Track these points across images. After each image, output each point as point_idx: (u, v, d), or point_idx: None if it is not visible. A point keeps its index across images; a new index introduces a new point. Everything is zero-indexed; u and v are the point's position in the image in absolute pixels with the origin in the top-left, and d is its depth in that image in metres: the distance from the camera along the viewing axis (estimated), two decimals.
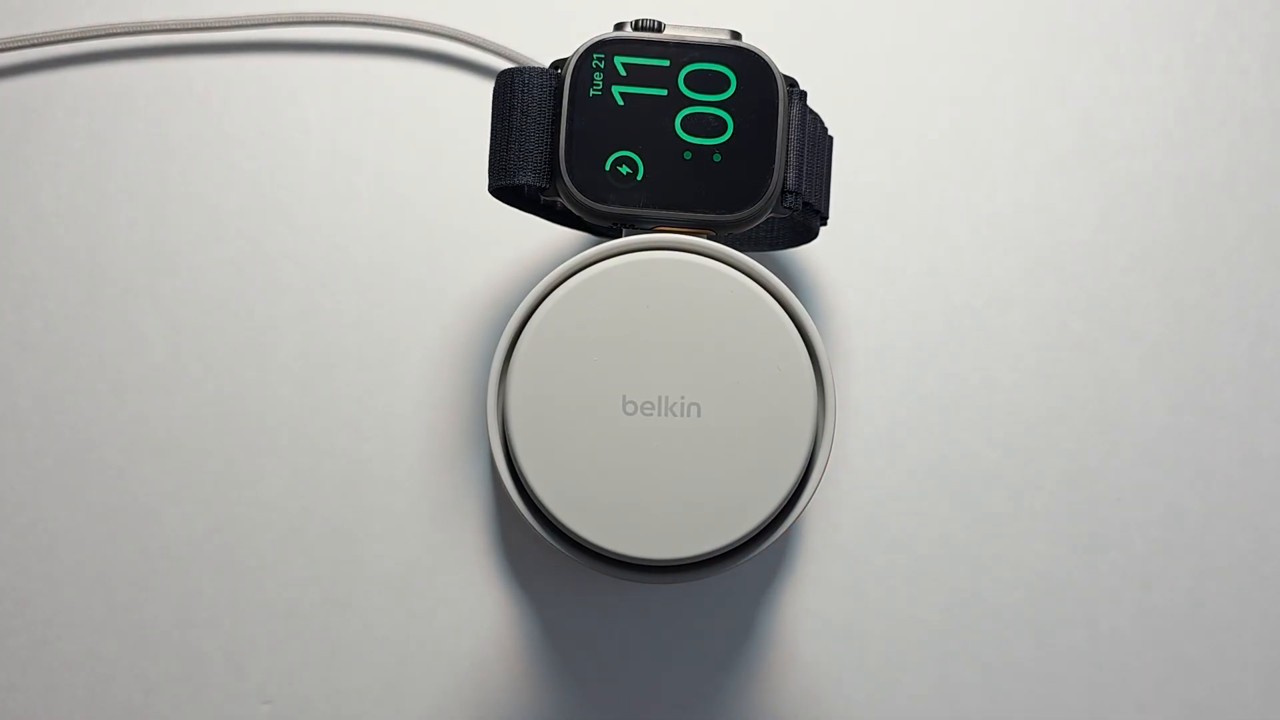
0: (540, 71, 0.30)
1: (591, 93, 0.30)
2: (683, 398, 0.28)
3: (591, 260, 0.29)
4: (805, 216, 0.32)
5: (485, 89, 0.37)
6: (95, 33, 0.37)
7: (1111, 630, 0.36)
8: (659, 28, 0.30)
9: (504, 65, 0.37)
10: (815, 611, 0.36)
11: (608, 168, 0.30)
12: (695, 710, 0.36)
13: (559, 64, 0.30)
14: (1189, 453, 0.37)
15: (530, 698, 0.36)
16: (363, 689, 0.35)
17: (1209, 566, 0.36)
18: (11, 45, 0.36)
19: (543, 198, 0.31)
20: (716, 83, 0.30)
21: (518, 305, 0.29)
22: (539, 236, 0.37)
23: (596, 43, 0.30)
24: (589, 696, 0.36)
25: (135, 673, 0.35)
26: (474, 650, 0.36)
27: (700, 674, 0.36)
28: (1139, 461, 0.37)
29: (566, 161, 0.30)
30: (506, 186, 0.30)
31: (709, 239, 0.30)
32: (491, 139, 0.30)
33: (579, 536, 0.28)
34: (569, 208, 0.30)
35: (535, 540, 0.34)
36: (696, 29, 0.30)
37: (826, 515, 0.36)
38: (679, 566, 0.29)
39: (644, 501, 0.28)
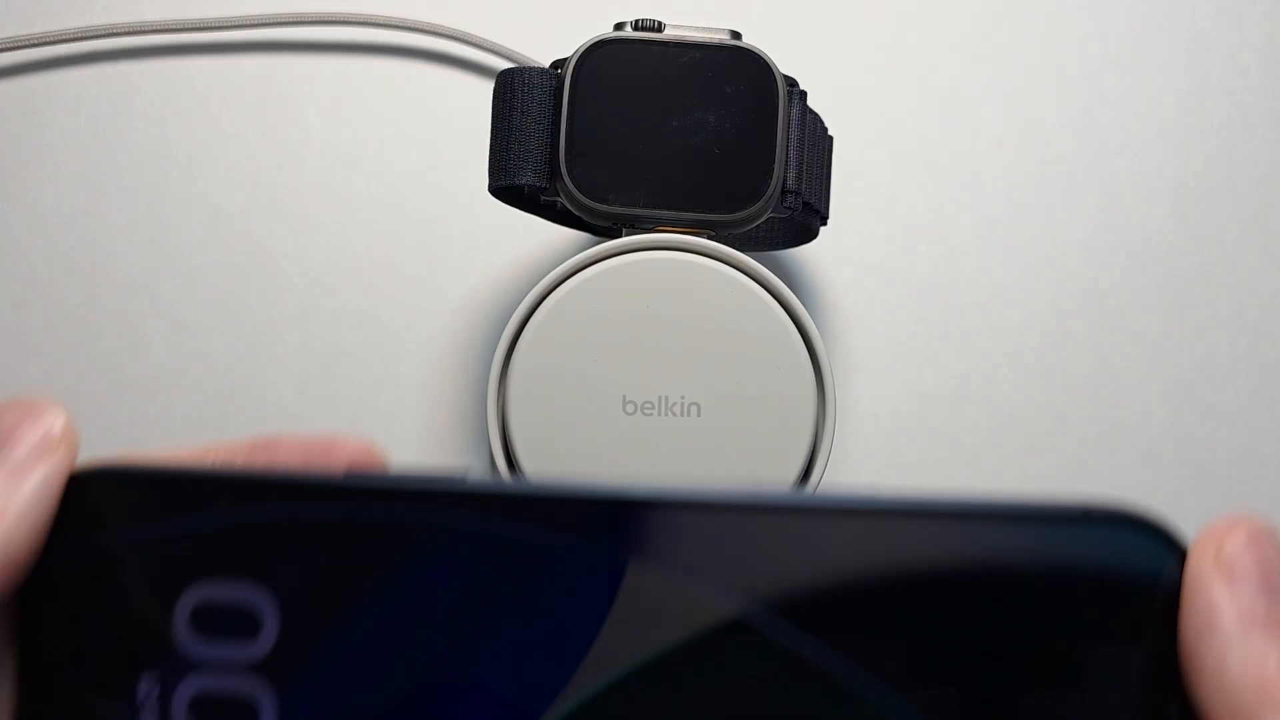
0: (540, 71, 0.30)
1: (591, 93, 0.30)
2: (683, 398, 0.28)
3: (591, 260, 0.29)
4: (805, 216, 0.32)
5: (485, 89, 0.37)
6: (95, 33, 0.37)
7: None
8: (659, 27, 0.30)
9: (504, 65, 0.37)
10: None
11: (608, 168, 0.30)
12: None
13: (559, 64, 0.30)
14: (1189, 453, 0.37)
15: None
16: None
17: None
18: (12, 45, 0.36)
19: (543, 198, 0.31)
20: (716, 82, 0.30)
21: (518, 305, 0.29)
22: (539, 236, 0.37)
23: (596, 42, 0.30)
24: None
25: None
26: None
27: None
28: (1139, 461, 0.37)
29: (566, 161, 0.30)
30: (506, 186, 0.30)
31: (709, 239, 0.30)
32: (491, 139, 0.30)
33: None
34: (569, 208, 0.30)
35: None
36: (696, 29, 0.30)
37: None
38: None
39: None
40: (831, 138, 0.32)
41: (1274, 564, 0.16)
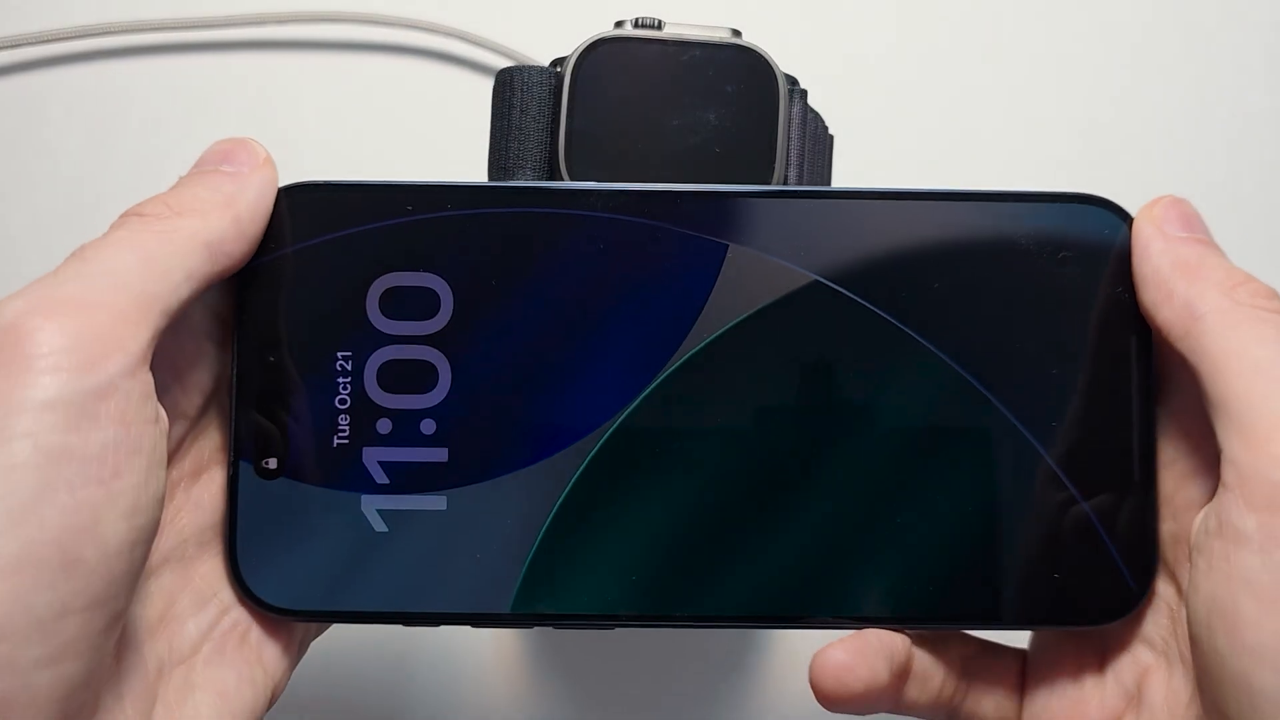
0: (540, 70, 0.30)
1: (591, 91, 0.30)
2: None
3: None
4: None
5: (485, 87, 0.37)
6: (94, 31, 0.37)
7: None
8: (659, 26, 0.30)
9: (504, 63, 0.37)
10: None
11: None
12: (695, 710, 0.36)
13: (559, 62, 0.30)
14: None
15: (530, 698, 0.36)
16: (362, 689, 0.35)
17: None
18: (10, 44, 0.36)
19: None
20: (716, 81, 0.30)
21: None
22: None
23: (596, 41, 0.30)
24: (589, 696, 0.36)
25: None
26: (473, 650, 0.36)
27: (700, 674, 0.36)
28: None
29: (566, 160, 0.29)
30: None
31: None
32: (491, 137, 0.30)
33: None
34: None
35: None
36: (696, 27, 0.30)
37: None
38: None
39: None
40: (832, 137, 0.32)
41: (1190, 213, 0.25)
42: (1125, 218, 0.25)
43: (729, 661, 0.36)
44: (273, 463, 0.24)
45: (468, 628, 0.25)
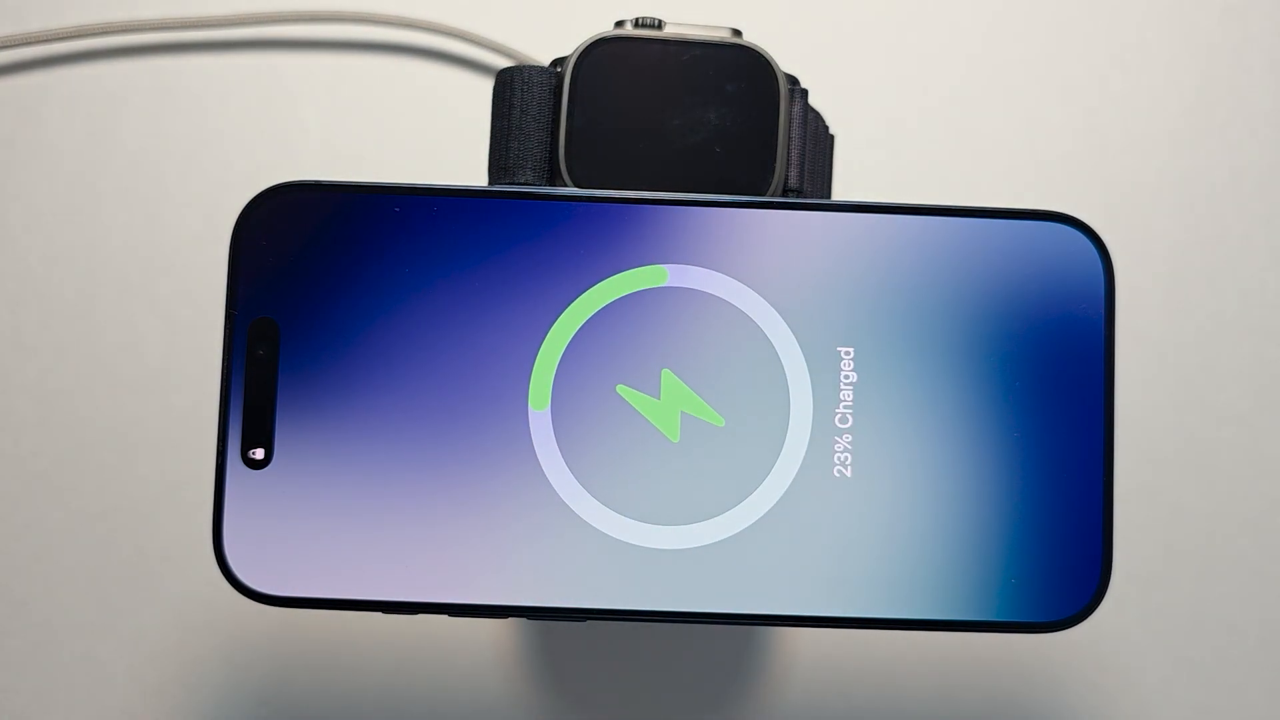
0: (540, 70, 0.30)
1: (591, 91, 0.30)
2: None
3: None
4: None
5: (485, 87, 0.37)
6: (91, 31, 0.36)
7: (1114, 631, 0.36)
8: (659, 25, 0.30)
9: (504, 63, 0.37)
10: None
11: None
12: (697, 712, 0.36)
13: (559, 62, 0.30)
14: (1191, 453, 0.36)
15: (529, 699, 0.36)
16: (361, 692, 0.35)
17: (1211, 567, 0.36)
18: (7, 44, 0.36)
19: None
20: (717, 81, 0.30)
21: None
22: None
23: (596, 40, 0.30)
24: (589, 697, 0.36)
25: (132, 675, 0.35)
26: (472, 652, 0.35)
27: (701, 675, 0.36)
28: (1140, 461, 0.36)
29: (566, 160, 0.29)
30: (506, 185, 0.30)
31: None
32: (491, 138, 0.30)
33: None
34: None
35: None
36: (697, 27, 0.30)
37: None
38: None
39: None
40: (833, 136, 0.32)
41: None
42: (1093, 237, 0.26)
43: (729, 661, 0.36)
44: (259, 453, 0.26)
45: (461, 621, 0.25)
